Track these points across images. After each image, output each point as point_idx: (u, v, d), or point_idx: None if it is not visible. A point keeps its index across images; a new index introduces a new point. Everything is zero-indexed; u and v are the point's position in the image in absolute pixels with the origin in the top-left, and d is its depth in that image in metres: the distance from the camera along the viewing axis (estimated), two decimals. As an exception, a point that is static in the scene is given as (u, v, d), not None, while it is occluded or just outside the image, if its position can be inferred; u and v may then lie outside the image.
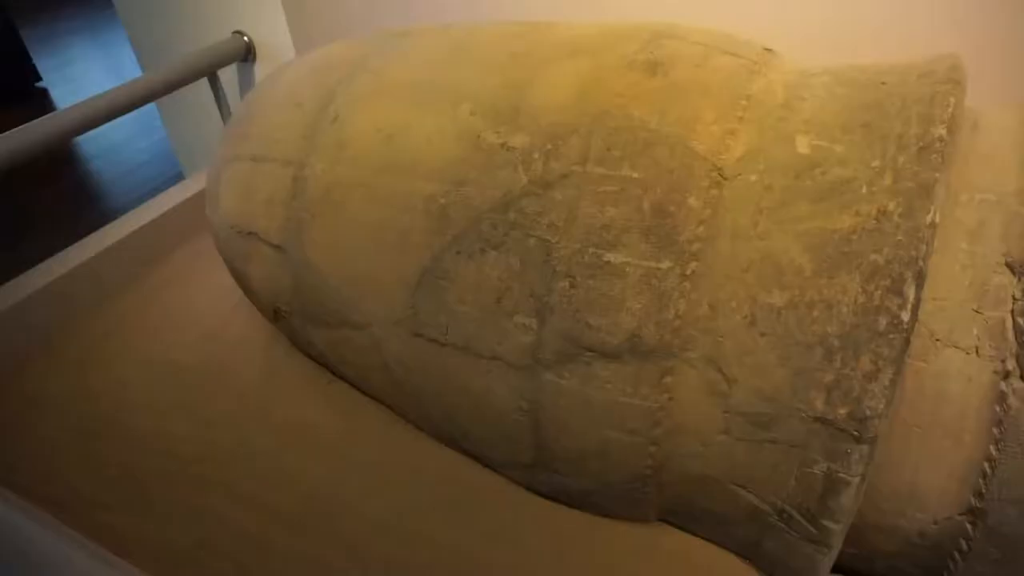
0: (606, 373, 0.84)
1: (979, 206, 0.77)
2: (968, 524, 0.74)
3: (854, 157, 0.77)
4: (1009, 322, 0.71)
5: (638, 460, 0.87)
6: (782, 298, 0.76)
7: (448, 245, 0.92)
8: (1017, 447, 0.70)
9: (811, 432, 0.75)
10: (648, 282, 0.80)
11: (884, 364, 0.70)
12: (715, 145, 0.83)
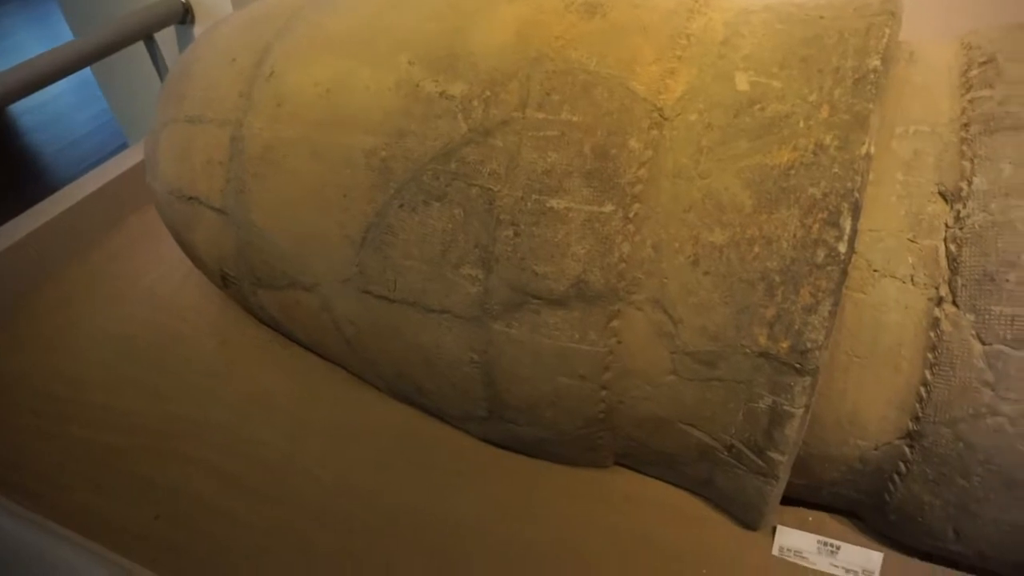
0: (554, 320, 0.83)
1: (913, 137, 0.78)
2: (906, 447, 0.77)
3: (792, 92, 0.77)
4: (942, 249, 0.73)
5: (590, 405, 0.88)
6: (724, 236, 0.76)
7: (391, 199, 0.90)
8: (950, 370, 0.71)
9: (755, 367, 0.76)
10: (591, 226, 0.80)
11: (823, 296, 0.71)
12: (655, 85, 0.82)
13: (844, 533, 0.93)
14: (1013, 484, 0.71)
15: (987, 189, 0.71)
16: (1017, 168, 0.70)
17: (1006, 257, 0.68)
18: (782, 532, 0.92)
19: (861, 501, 0.86)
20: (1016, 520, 0.73)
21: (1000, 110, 0.74)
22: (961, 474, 0.73)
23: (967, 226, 0.71)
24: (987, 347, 0.69)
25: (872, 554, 0.88)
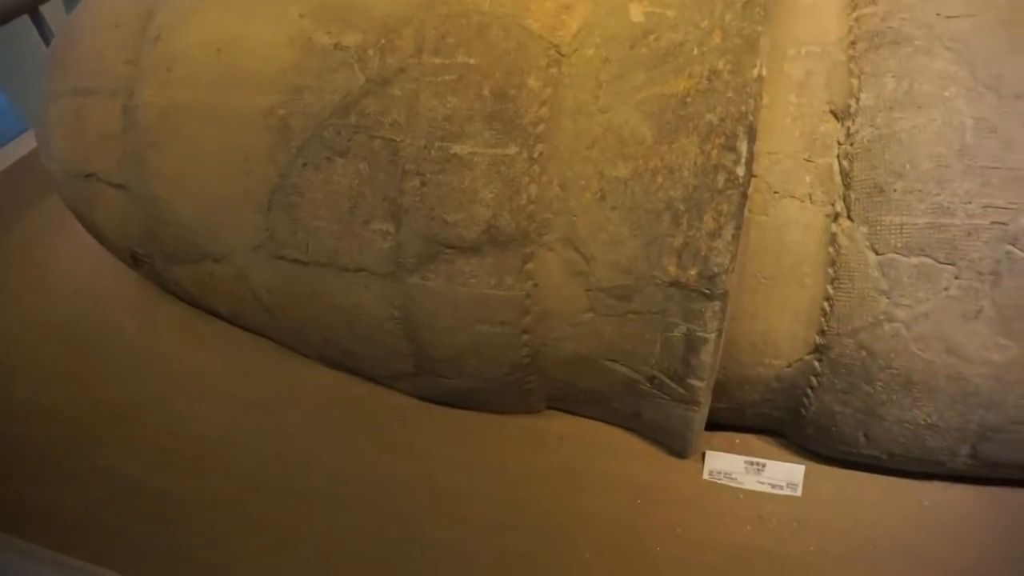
0: (469, 268, 0.83)
1: (804, 58, 0.79)
2: (815, 361, 0.79)
3: (685, 20, 0.77)
4: (836, 166, 0.74)
5: (514, 351, 0.88)
6: (627, 169, 0.76)
7: (293, 158, 0.88)
8: (849, 282, 0.74)
9: (668, 297, 0.77)
10: (497, 170, 0.79)
11: (725, 220, 0.72)
12: (550, 22, 0.80)
13: (769, 451, 0.96)
14: (911, 385, 0.74)
15: (873, 104, 0.72)
16: (900, 81, 0.72)
17: (893, 168, 0.71)
18: (711, 456, 0.95)
19: (781, 418, 0.89)
20: (917, 418, 0.77)
21: (883, 26, 0.75)
22: (866, 381, 0.77)
23: (857, 142, 0.73)
24: (881, 257, 0.72)
25: (795, 467, 0.92)
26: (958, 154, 0.68)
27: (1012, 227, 0.67)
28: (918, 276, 0.70)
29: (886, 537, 0.87)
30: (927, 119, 0.70)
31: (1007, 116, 0.67)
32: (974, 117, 0.68)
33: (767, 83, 0.78)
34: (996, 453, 0.78)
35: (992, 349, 0.70)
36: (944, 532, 0.87)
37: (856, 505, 0.91)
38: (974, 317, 0.70)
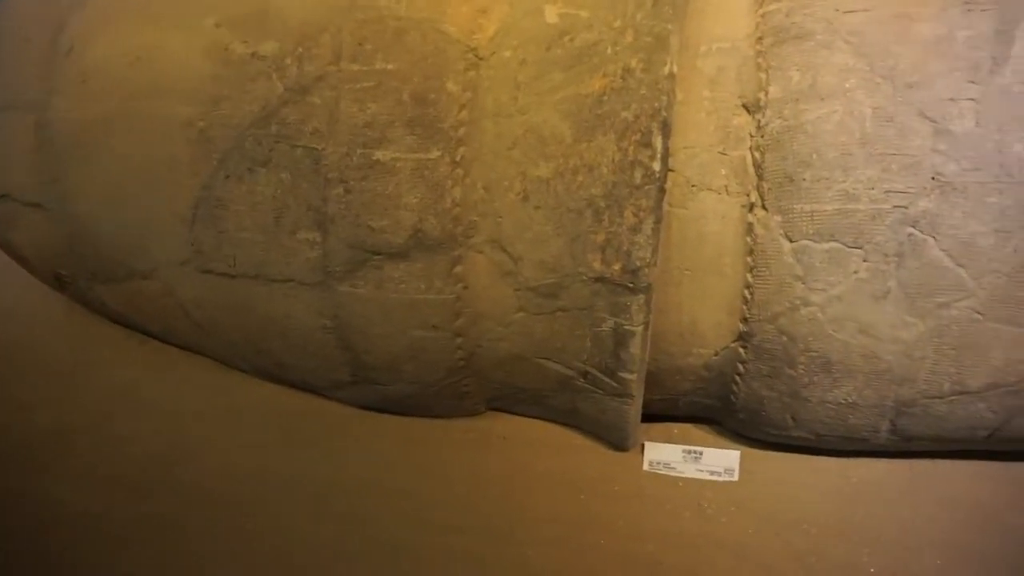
0: (398, 274, 0.83)
1: (716, 54, 0.81)
2: (741, 348, 0.81)
3: (598, 20, 0.78)
4: (749, 158, 0.77)
5: (448, 354, 0.89)
6: (549, 169, 0.77)
7: (215, 170, 0.86)
8: (766, 270, 0.76)
9: (594, 293, 0.78)
10: (421, 174, 0.79)
11: (645, 215, 0.73)
12: (467, 25, 0.81)
13: (706, 439, 0.98)
14: (830, 366, 0.77)
15: (781, 97, 0.75)
16: (804, 74, 0.74)
17: (801, 158, 0.73)
18: (650, 448, 0.96)
19: (714, 406, 0.91)
20: (838, 398, 0.79)
21: (787, 21, 0.77)
22: (788, 365, 0.79)
23: (767, 133, 0.75)
24: (794, 244, 0.74)
25: (730, 453, 0.94)
26: (860, 142, 0.71)
27: (912, 210, 0.70)
28: (829, 261, 0.73)
29: (820, 514, 0.90)
30: (830, 110, 0.72)
31: (902, 105, 0.70)
32: (873, 107, 0.71)
33: (681, 79, 0.80)
34: (913, 427, 0.81)
35: (900, 327, 0.73)
36: (873, 505, 0.90)
37: (790, 486, 0.93)
38: (883, 297, 0.73)
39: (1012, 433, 0.80)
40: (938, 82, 0.70)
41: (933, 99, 0.70)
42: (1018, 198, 0.68)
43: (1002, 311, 0.71)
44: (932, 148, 0.69)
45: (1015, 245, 0.69)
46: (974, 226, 0.69)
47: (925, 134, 0.70)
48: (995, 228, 0.69)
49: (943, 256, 0.71)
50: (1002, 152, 0.68)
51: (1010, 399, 0.76)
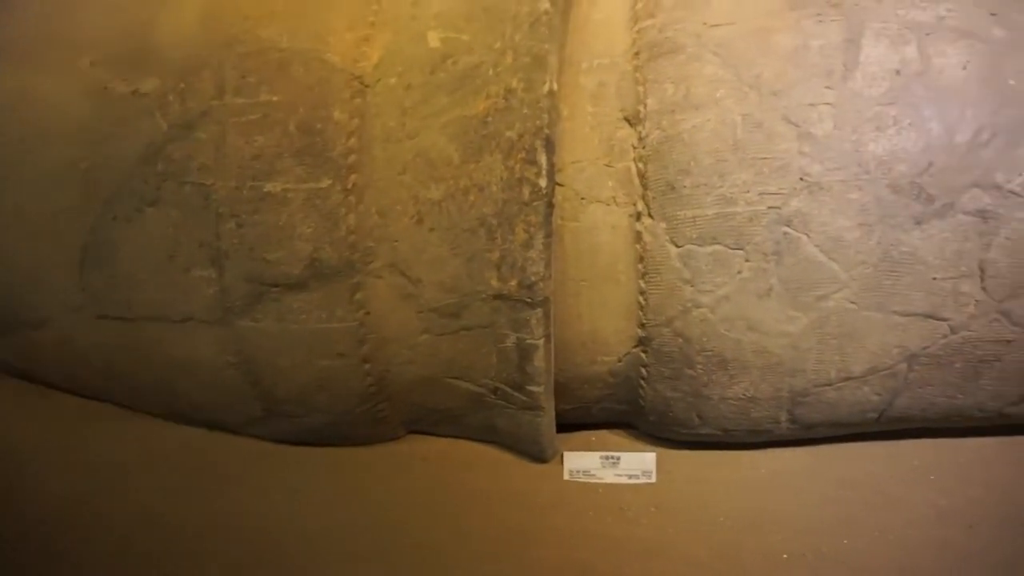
0: (298, 305, 0.82)
1: (597, 70, 0.83)
2: (641, 353, 0.84)
3: (479, 43, 0.80)
4: (633, 169, 0.79)
5: (358, 381, 0.88)
6: (440, 191, 0.78)
7: (102, 213, 0.84)
8: (657, 276, 0.79)
9: (494, 310, 0.79)
10: (313, 204, 0.79)
11: (535, 230, 0.75)
12: (351, 54, 0.82)
13: (623, 443, 1.00)
14: (726, 363, 0.80)
15: (658, 109, 0.78)
16: (678, 86, 0.78)
17: (680, 166, 0.76)
18: (569, 457, 0.98)
19: (626, 411, 0.93)
20: (737, 394, 0.83)
21: (660, 36, 0.81)
22: (687, 365, 0.82)
23: (648, 144, 0.78)
24: (680, 249, 0.77)
25: (646, 456, 0.96)
26: (732, 149, 0.74)
27: (785, 210, 0.74)
28: (714, 263, 0.76)
29: (734, 506, 0.93)
30: (704, 119, 0.76)
31: (768, 111, 0.74)
32: (742, 114, 0.75)
33: (565, 95, 0.82)
34: (809, 415, 0.85)
35: (785, 322, 0.77)
36: (782, 492, 0.93)
37: (706, 482, 0.96)
38: (766, 295, 0.76)
39: (898, 412, 0.85)
40: (798, 88, 0.74)
41: (795, 105, 0.74)
42: (876, 194, 0.72)
43: (872, 299, 0.75)
44: (798, 151, 0.73)
45: (877, 237, 0.73)
46: (840, 222, 0.73)
47: (791, 138, 0.74)
48: (858, 223, 0.73)
49: (816, 252, 0.74)
50: (858, 151, 0.72)
51: (890, 381, 0.80)
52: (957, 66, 0.72)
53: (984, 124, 0.71)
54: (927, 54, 0.73)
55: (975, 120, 0.71)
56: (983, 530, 0.86)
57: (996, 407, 0.83)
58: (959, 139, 0.71)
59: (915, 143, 0.72)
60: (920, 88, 0.72)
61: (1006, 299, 0.75)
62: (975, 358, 0.78)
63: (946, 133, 0.71)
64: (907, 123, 0.72)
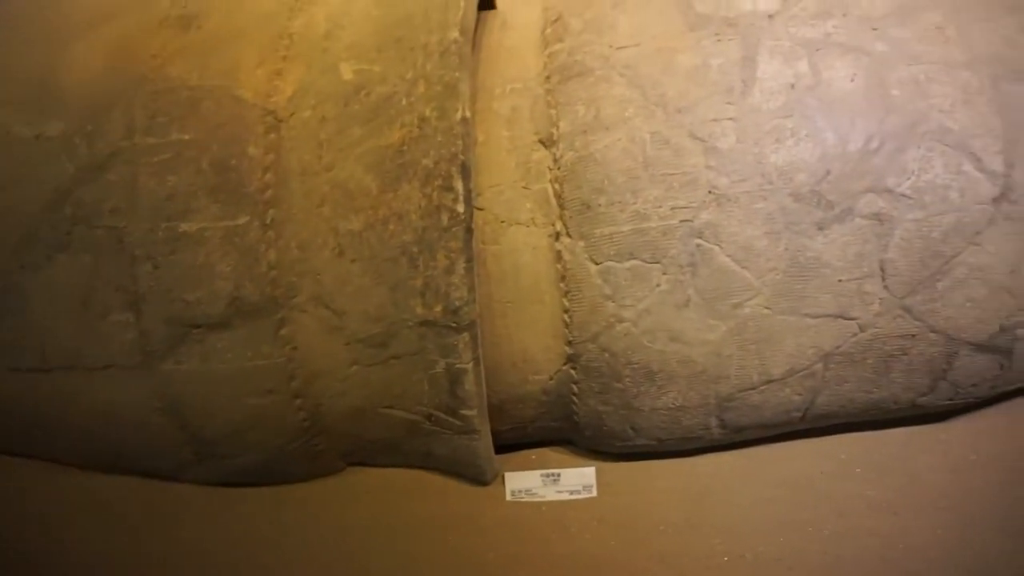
0: (222, 344, 0.81)
1: (511, 95, 0.85)
2: (571, 370, 0.85)
3: (392, 73, 0.81)
4: (550, 190, 0.81)
5: (290, 417, 0.87)
6: (359, 222, 0.78)
7: (9, 260, 0.81)
8: (579, 293, 0.80)
9: (422, 337, 0.80)
10: (231, 241, 0.78)
11: (456, 256, 0.75)
12: (263, 89, 0.81)
13: (563, 460, 1.01)
14: (653, 375, 0.82)
15: (571, 130, 0.80)
16: (588, 107, 0.80)
17: (594, 185, 0.78)
18: (510, 477, 0.98)
19: (562, 427, 0.94)
20: (667, 403, 0.84)
21: (570, 60, 0.83)
22: (616, 379, 0.83)
23: (563, 165, 0.80)
24: (599, 266, 0.79)
25: (585, 471, 0.97)
26: (643, 166, 0.77)
27: (696, 223, 0.77)
28: (633, 278, 0.78)
29: (674, 514, 0.95)
30: (615, 138, 0.78)
31: (675, 128, 0.77)
32: (650, 132, 0.77)
33: (480, 121, 0.84)
34: (738, 419, 0.87)
35: (705, 330, 0.79)
36: (719, 496, 0.95)
37: (646, 492, 0.97)
38: (685, 305, 0.78)
39: (820, 410, 0.88)
40: (701, 105, 0.77)
41: (699, 121, 0.77)
42: (780, 203, 0.75)
43: (784, 304, 0.78)
44: (705, 165, 0.76)
45: (784, 244, 0.76)
46: (749, 231, 0.76)
47: (697, 153, 0.76)
48: (766, 231, 0.76)
49: (729, 261, 0.77)
50: (761, 163, 0.75)
51: (809, 381, 0.83)
52: (845, 79, 0.76)
53: (873, 132, 0.75)
54: (818, 68, 0.77)
55: (865, 129, 0.75)
56: (907, 516, 0.90)
57: (909, 398, 0.87)
58: (852, 147, 0.75)
59: (812, 153, 0.75)
60: (813, 101, 0.76)
61: (907, 296, 0.79)
62: (884, 353, 0.82)
63: (840, 142, 0.75)
64: (804, 134, 0.75)
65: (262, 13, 0.87)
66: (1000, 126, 0.75)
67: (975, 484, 0.92)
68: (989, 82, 0.76)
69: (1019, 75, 0.77)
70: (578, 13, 0.87)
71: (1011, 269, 0.77)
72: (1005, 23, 0.79)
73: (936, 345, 0.82)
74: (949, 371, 0.84)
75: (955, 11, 0.79)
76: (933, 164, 0.75)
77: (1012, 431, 0.95)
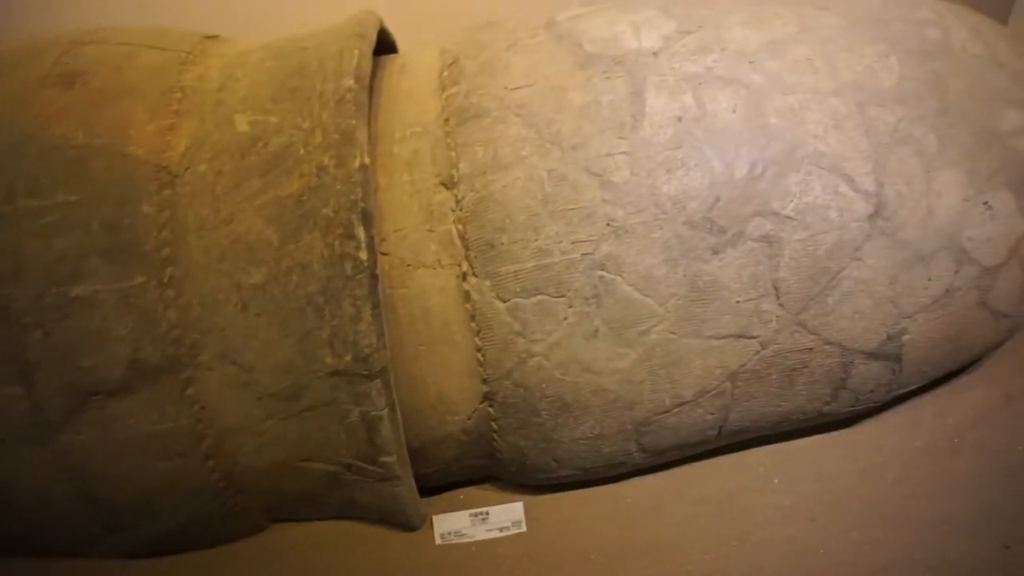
0: (124, 410, 0.78)
1: (411, 139, 0.86)
2: (489, 408, 0.85)
3: (288, 123, 0.80)
4: (454, 231, 0.82)
5: (204, 478, 0.84)
6: (262, 274, 0.77)
7: None
8: (490, 331, 0.81)
9: (334, 387, 0.78)
10: (127, 303, 0.76)
11: (362, 303, 0.75)
12: (155, 145, 0.80)
13: (491, 497, 1.01)
14: (568, 407, 0.83)
15: (470, 171, 0.81)
16: (486, 148, 0.81)
17: (496, 224, 0.79)
18: (438, 520, 0.97)
19: (486, 465, 0.94)
20: (585, 433, 0.86)
21: (466, 102, 0.85)
22: (533, 413, 0.84)
23: (465, 206, 0.81)
24: (507, 303, 0.80)
25: (514, 506, 0.97)
26: (542, 203, 0.78)
27: (597, 255, 0.79)
28: (540, 313, 0.79)
29: (603, 540, 0.95)
30: (513, 177, 0.80)
31: (571, 165, 0.79)
32: (547, 170, 0.79)
33: (381, 166, 0.84)
34: (657, 442, 0.89)
35: (615, 359, 0.81)
36: (646, 518, 0.97)
37: (575, 522, 0.98)
38: (593, 336, 0.80)
39: (734, 427, 0.91)
40: (595, 141, 0.79)
41: (593, 156, 0.79)
42: (675, 231, 0.78)
43: (688, 327, 0.81)
44: (602, 199, 0.78)
45: (683, 270, 0.79)
46: (648, 260, 0.78)
47: (593, 187, 0.79)
48: (664, 259, 0.79)
49: (631, 290, 0.79)
50: (654, 194, 0.78)
51: (719, 399, 0.86)
52: (728, 110, 0.80)
53: (756, 159, 0.79)
54: (702, 101, 0.81)
55: (748, 156, 0.79)
56: (822, 520, 0.93)
57: (814, 408, 0.91)
58: (738, 175, 0.79)
59: (702, 181, 0.78)
60: (700, 132, 0.80)
61: (801, 312, 0.83)
62: (786, 367, 0.85)
63: (726, 170, 0.79)
64: (693, 164, 0.79)
65: (152, 67, 0.85)
66: (868, 148, 0.80)
67: (882, 483, 0.96)
68: (856, 108, 0.81)
69: (881, 100, 0.82)
70: (473, 56, 0.89)
71: (890, 280, 0.82)
72: (865, 52, 0.84)
73: (833, 356, 0.86)
74: (847, 380, 0.88)
75: (821, 43, 0.85)
76: (812, 187, 0.79)
77: (911, 430, 1.01)
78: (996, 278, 0.86)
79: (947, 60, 0.86)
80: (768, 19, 0.87)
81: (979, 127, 0.83)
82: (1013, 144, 0.84)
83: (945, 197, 0.82)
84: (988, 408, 1.03)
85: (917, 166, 0.81)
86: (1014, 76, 0.88)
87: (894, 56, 0.84)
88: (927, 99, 0.83)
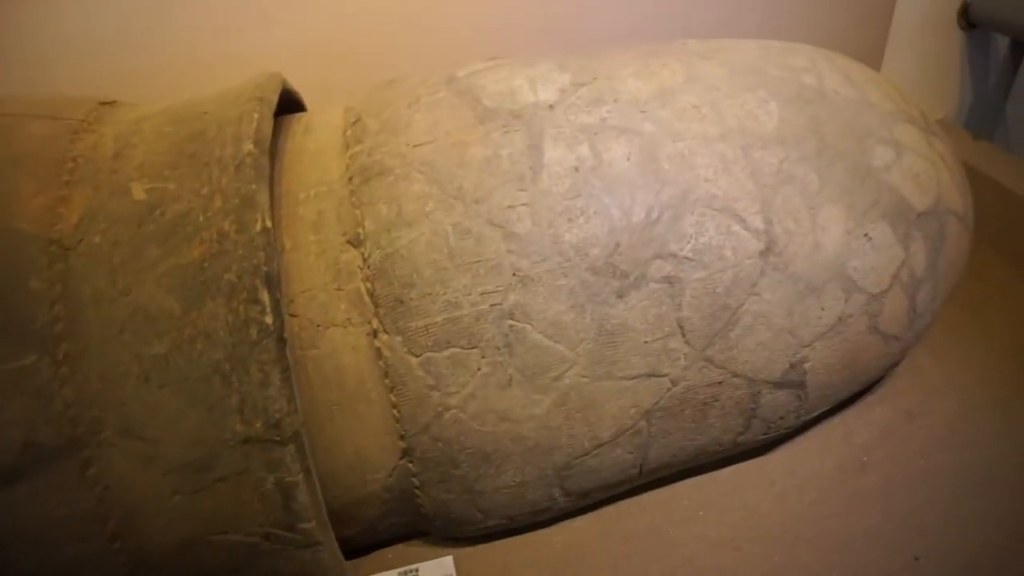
0: (19, 497, 0.73)
1: (315, 199, 0.86)
2: (409, 464, 0.85)
3: (186, 190, 0.79)
4: (363, 289, 0.82)
5: (110, 562, 0.80)
6: (164, 345, 0.75)
7: None
8: (404, 387, 0.81)
9: (246, 455, 0.76)
10: (18, 384, 0.72)
11: (270, 368, 0.74)
12: (44, 217, 0.77)
13: (420, 553, 0.99)
14: (488, 457, 0.83)
15: (376, 229, 0.82)
16: (391, 206, 0.82)
17: (404, 280, 0.80)
18: (367, 582, 0.95)
19: (411, 521, 0.93)
20: (507, 482, 0.86)
21: (370, 160, 0.85)
22: (453, 466, 0.84)
23: (372, 264, 0.81)
24: (419, 358, 0.80)
25: (444, 560, 0.96)
26: (448, 257, 0.79)
27: (506, 305, 0.80)
28: (453, 365, 0.80)
29: (537, 588, 0.95)
30: (419, 233, 0.80)
31: (474, 218, 0.81)
32: (452, 224, 0.80)
33: (287, 227, 0.84)
34: (580, 485, 0.90)
35: (531, 405, 0.82)
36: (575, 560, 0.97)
37: (507, 571, 0.97)
38: (507, 385, 0.81)
39: (654, 463, 0.92)
40: (496, 193, 0.81)
41: (496, 208, 0.81)
42: (579, 277, 0.80)
43: (600, 370, 0.83)
44: (506, 250, 0.80)
45: (590, 315, 0.81)
46: (556, 307, 0.80)
47: (497, 239, 0.80)
48: (571, 305, 0.80)
49: (541, 338, 0.81)
50: (557, 243, 0.80)
51: (636, 438, 0.88)
52: (622, 158, 0.84)
53: (652, 204, 0.82)
54: (598, 151, 0.84)
55: (644, 202, 0.82)
56: (747, 548, 0.95)
57: (729, 439, 0.94)
58: (636, 219, 0.82)
59: (601, 228, 0.81)
60: (597, 180, 0.83)
61: (706, 347, 0.86)
62: (698, 402, 0.88)
63: (625, 216, 0.82)
64: (592, 212, 0.81)
65: (41, 138, 0.83)
66: (755, 188, 0.85)
67: (800, 506, 0.99)
68: (741, 152, 0.86)
69: (764, 143, 0.87)
70: (375, 114, 0.90)
71: (787, 312, 0.86)
72: (747, 99, 0.90)
73: (740, 388, 0.89)
74: (757, 409, 0.91)
75: (706, 91, 0.89)
76: (707, 228, 0.83)
77: (822, 452, 1.05)
78: (883, 304, 0.91)
79: (822, 104, 0.92)
80: (657, 69, 0.92)
81: (854, 164, 0.89)
82: (886, 178, 0.90)
83: (829, 231, 0.87)
84: (892, 425, 1.08)
85: (801, 204, 0.86)
86: (882, 116, 0.95)
87: (773, 102, 0.90)
88: (806, 140, 0.88)
